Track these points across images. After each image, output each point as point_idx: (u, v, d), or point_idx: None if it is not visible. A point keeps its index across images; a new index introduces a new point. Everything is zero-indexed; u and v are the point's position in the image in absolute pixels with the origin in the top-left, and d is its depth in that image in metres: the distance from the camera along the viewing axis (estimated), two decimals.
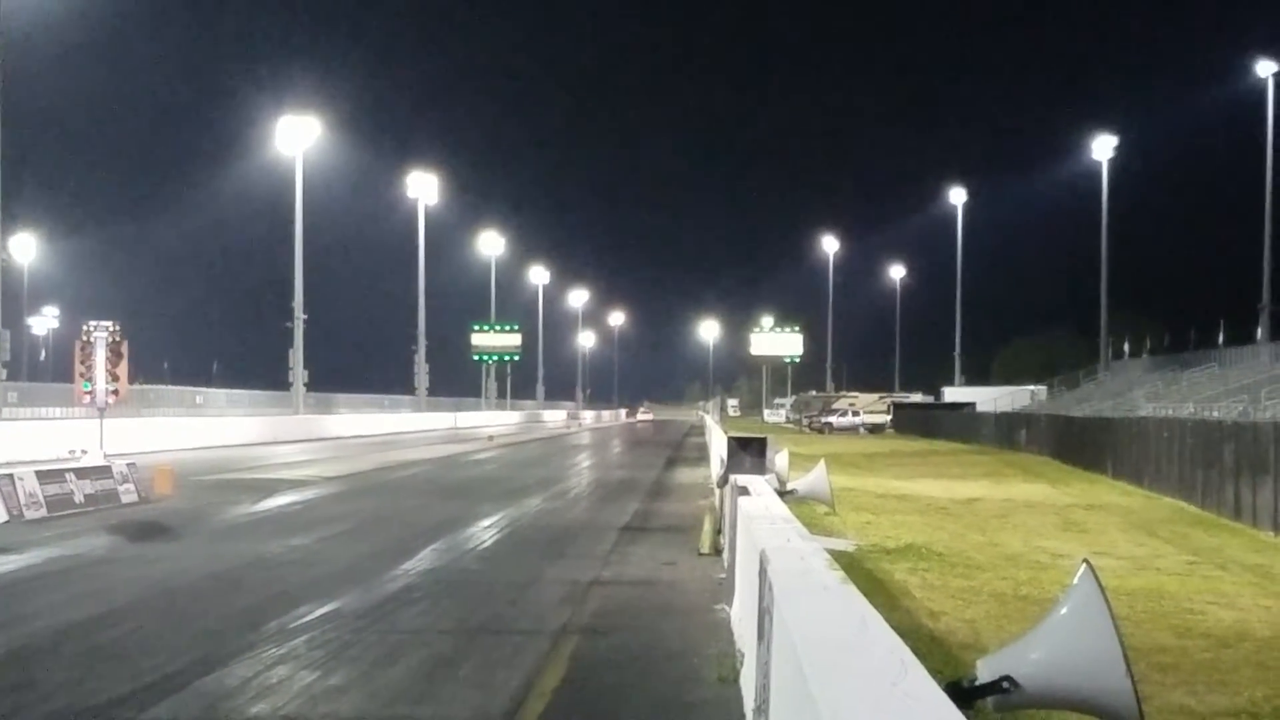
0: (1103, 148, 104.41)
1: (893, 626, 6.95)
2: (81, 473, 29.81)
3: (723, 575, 19.17)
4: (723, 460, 28.11)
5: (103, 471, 30.69)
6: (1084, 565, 7.45)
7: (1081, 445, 54.58)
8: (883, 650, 6.20)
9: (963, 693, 7.26)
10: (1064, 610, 7.39)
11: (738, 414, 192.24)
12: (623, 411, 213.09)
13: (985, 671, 7.44)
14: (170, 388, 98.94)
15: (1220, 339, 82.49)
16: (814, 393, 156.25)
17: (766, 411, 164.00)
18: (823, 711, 5.08)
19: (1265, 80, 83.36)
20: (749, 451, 26.08)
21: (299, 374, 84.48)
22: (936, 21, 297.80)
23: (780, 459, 29.25)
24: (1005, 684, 7.31)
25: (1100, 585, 7.24)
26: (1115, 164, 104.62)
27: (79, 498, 28.93)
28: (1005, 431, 76.11)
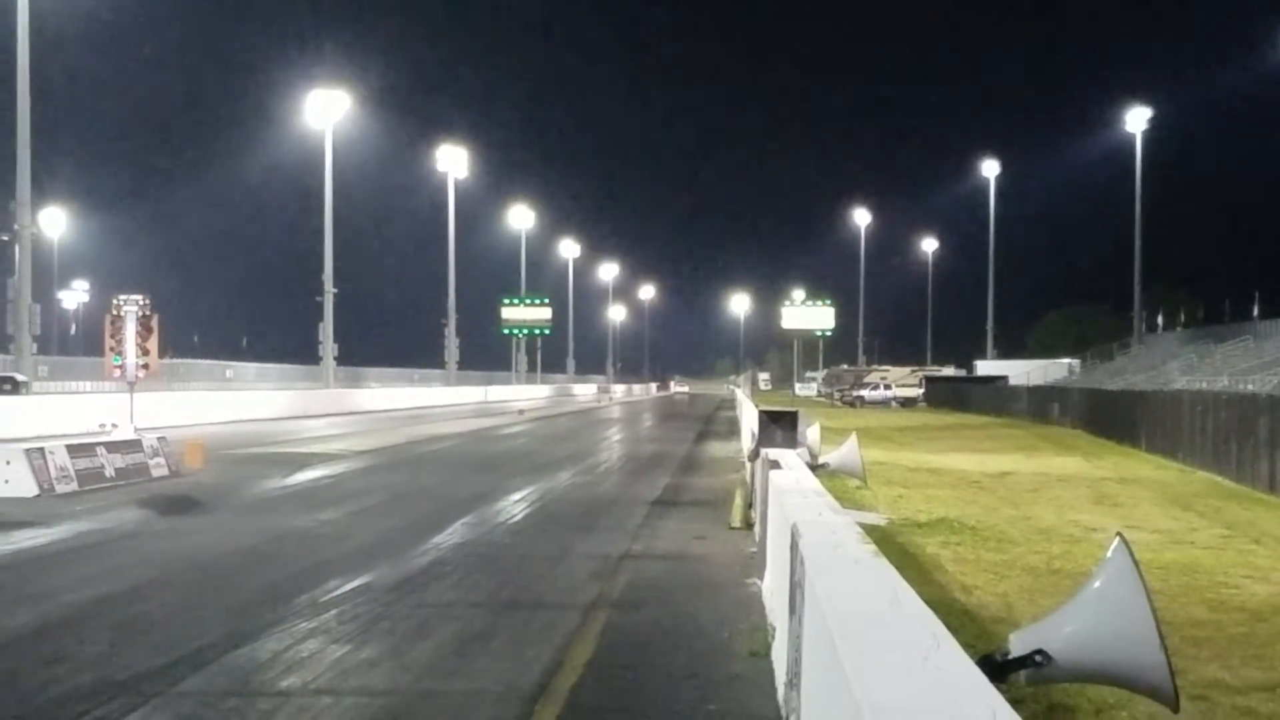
0: (1137, 120, 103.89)
1: (925, 600, 6.88)
2: (112, 446, 29.89)
3: (754, 549, 19.13)
4: (754, 434, 28.07)
5: (133, 445, 30.77)
6: (1117, 539, 7.37)
7: (1115, 418, 54.39)
8: (915, 624, 6.14)
9: (996, 666, 7.19)
10: (1097, 584, 7.32)
11: (769, 388, 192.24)
12: (653, 385, 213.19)
13: (1018, 645, 7.37)
14: (200, 361, 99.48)
15: (1255, 312, 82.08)
16: (845, 366, 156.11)
17: (798, 385, 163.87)
18: (854, 685, 5.02)
19: None
20: (780, 425, 26.05)
21: (329, 348, 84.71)
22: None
23: (812, 433, 29.20)
24: (1038, 658, 7.24)
25: (1134, 558, 7.16)
26: (1150, 136, 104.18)
27: (109, 471, 29.01)
28: (1038, 405, 75.91)
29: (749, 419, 36.49)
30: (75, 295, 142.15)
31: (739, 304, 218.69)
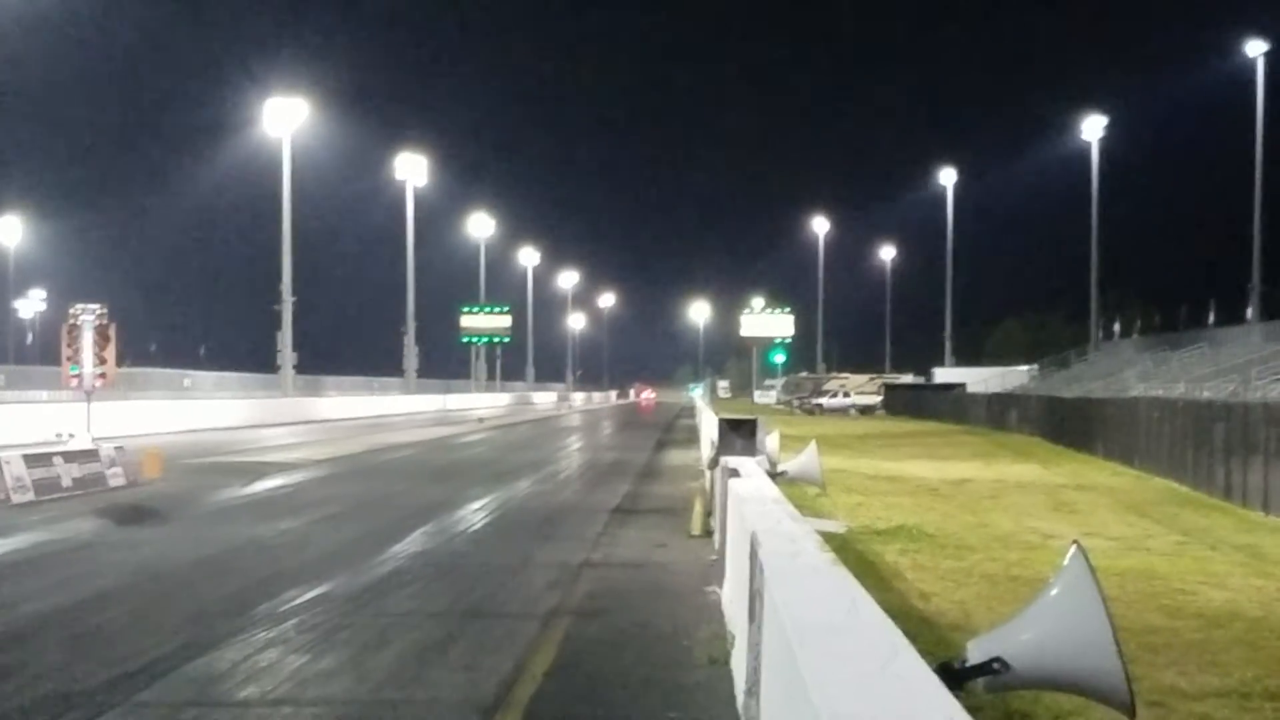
0: (1093, 128, 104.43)
1: (884, 608, 6.91)
2: (69, 456, 29.75)
3: (713, 557, 19.15)
4: (713, 442, 28.10)
5: (90, 455, 30.62)
6: (1074, 546, 7.42)
7: (1072, 426, 54.65)
8: (873, 632, 6.17)
9: (953, 674, 7.22)
10: (1054, 591, 7.36)
11: (728, 395, 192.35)
12: (613, 393, 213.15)
13: (976, 653, 7.40)
14: (158, 370, 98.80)
15: (1211, 319, 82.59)
16: (805, 374, 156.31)
17: (757, 393, 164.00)
18: (813, 693, 5.04)
19: (1254, 60, 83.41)
20: (740, 433, 26.07)
21: (287, 356, 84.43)
22: (929, 4, 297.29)
23: (771, 440, 29.23)
24: (996, 665, 7.27)
25: (1090, 566, 7.21)
26: (1105, 144, 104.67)
27: (66, 481, 28.86)
28: (996, 412, 76.21)
29: (708, 427, 36.52)
30: (31, 304, 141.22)
31: (698, 312, 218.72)
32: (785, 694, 6.25)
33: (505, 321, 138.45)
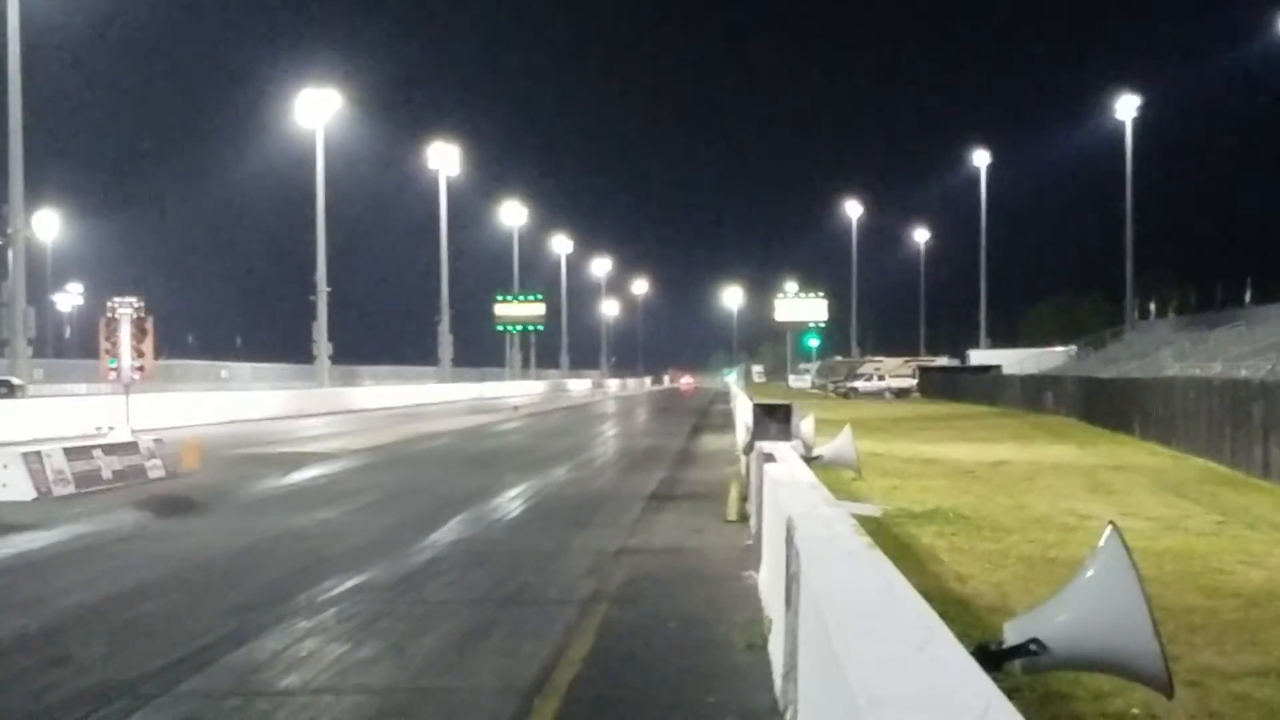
0: (1127, 107, 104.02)
1: (920, 590, 6.94)
2: (109, 449, 29.93)
3: (749, 542, 19.19)
4: (748, 427, 28.13)
5: (129, 447, 30.80)
6: (1110, 527, 7.44)
7: (1108, 406, 54.46)
8: (909, 615, 6.20)
9: (991, 655, 7.26)
10: (1090, 573, 7.38)
11: (763, 380, 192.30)
12: (648, 379, 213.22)
13: (1013, 634, 7.44)
14: (195, 362, 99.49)
15: (1247, 297, 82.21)
16: (839, 358, 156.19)
17: (792, 377, 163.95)
18: (850, 676, 5.08)
19: None
20: (774, 418, 26.13)
21: (323, 347, 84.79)
22: None
23: (806, 425, 29.25)
24: (1033, 646, 7.30)
25: (1126, 547, 7.22)
26: (1140, 123, 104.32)
27: (106, 474, 29.04)
28: (1032, 394, 75.99)
29: (743, 412, 36.55)
30: (70, 298, 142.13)
31: (732, 297, 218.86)
32: (822, 677, 6.29)
33: (539, 309, 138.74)
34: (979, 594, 15.69)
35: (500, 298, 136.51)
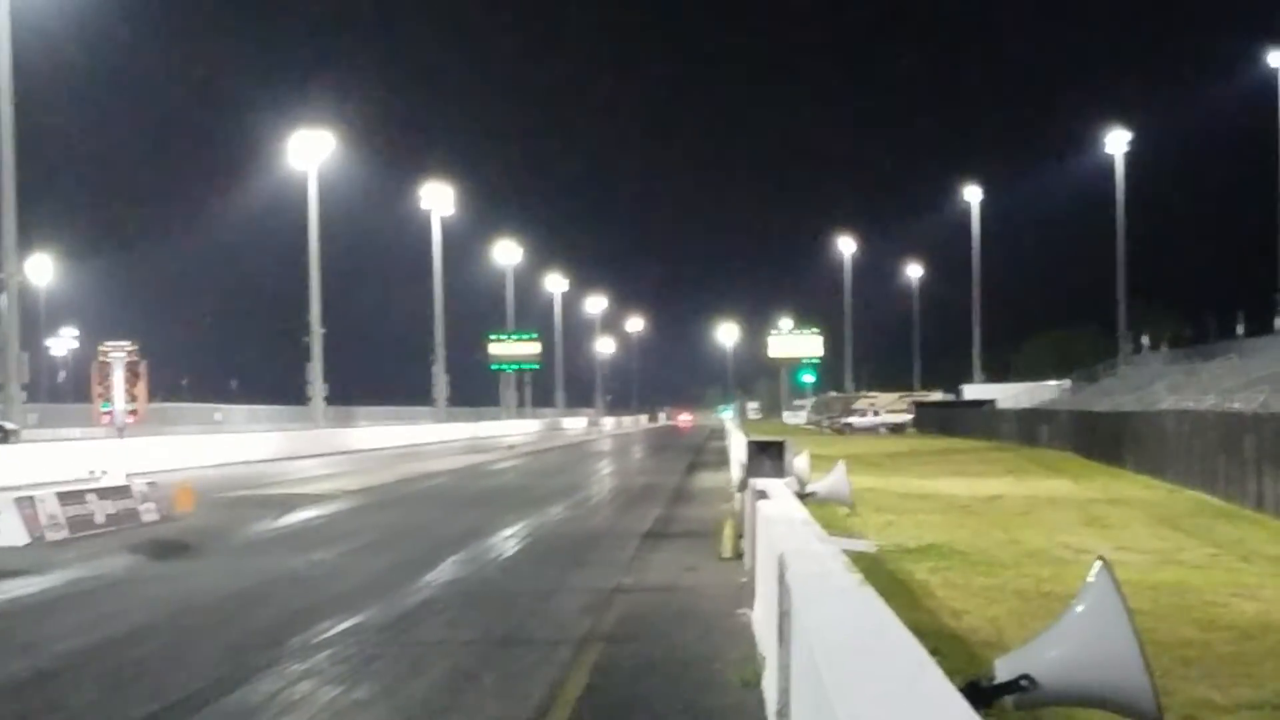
0: (1116, 142, 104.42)
1: (915, 626, 6.96)
2: (102, 493, 29.88)
3: (744, 579, 19.18)
4: (742, 464, 28.12)
5: (123, 491, 30.75)
6: (1099, 563, 7.46)
7: (1103, 440, 54.51)
8: (900, 652, 6.22)
9: (982, 692, 7.27)
10: (1080, 608, 7.40)
11: (758, 416, 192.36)
12: (643, 417, 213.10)
13: (1004, 670, 7.45)
14: (189, 405, 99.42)
15: (1239, 330, 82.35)
16: (834, 393, 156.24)
17: (786, 413, 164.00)
18: (840, 713, 5.10)
19: (1276, 70, 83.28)
20: (768, 455, 26.11)
21: (318, 388, 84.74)
22: (951, 22, 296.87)
23: (800, 461, 29.24)
24: (1024, 682, 7.32)
25: (1115, 581, 7.25)
26: (1130, 157, 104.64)
27: (100, 518, 29.00)
28: (1026, 428, 76.03)
29: (737, 449, 36.55)
30: (64, 342, 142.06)
31: (727, 334, 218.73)
32: (814, 715, 6.30)
33: (534, 348, 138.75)
34: (974, 629, 15.70)
35: (495, 337, 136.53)
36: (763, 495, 17.82)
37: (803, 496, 23.04)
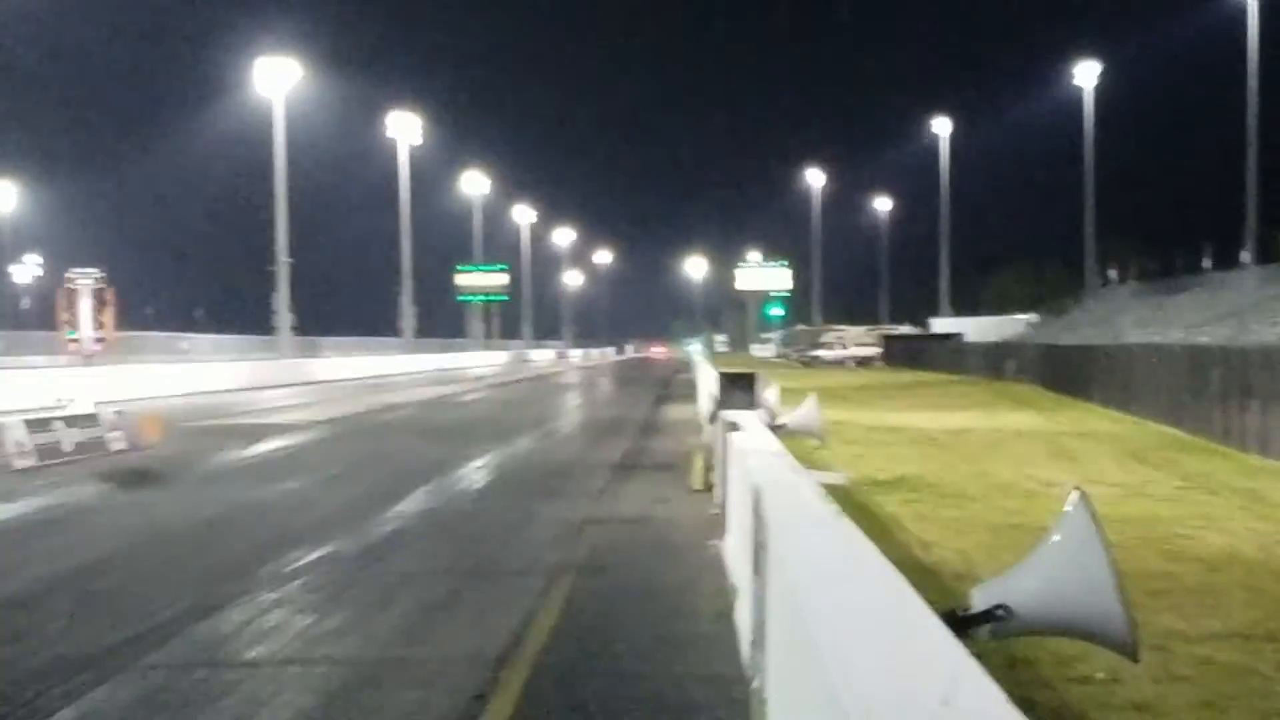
0: (1086, 74, 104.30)
1: (887, 558, 6.95)
2: (70, 421, 29.77)
3: (715, 510, 19.20)
4: (713, 396, 28.13)
5: (90, 419, 30.64)
6: (1076, 493, 7.45)
7: (1070, 374, 54.72)
8: (879, 581, 6.21)
9: (957, 621, 7.26)
10: (1056, 538, 7.40)
11: (726, 350, 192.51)
12: (611, 350, 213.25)
13: (979, 600, 7.45)
14: (155, 334, 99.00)
15: (1207, 264, 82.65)
16: (802, 326, 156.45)
17: (754, 346, 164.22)
18: (820, 643, 5.08)
19: (1245, 1, 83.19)
20: (739, 387, 26.11)
21: (284, 318, 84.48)
22: None
23: (770, 394, 29.26)
24: (1000, 612, 7.32)
25: (1092, 512, 7.25)
26: (1100, 90, 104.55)
27: (68, 446, 28.91)
28: (994, 362, 76.29)
29: (707, 381, 36.56)
30: (27, 269, 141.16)
31: (695, 267, 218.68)
32: (791, 644, 6.30)
33: (502, 280, 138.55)
34: (944, 561, 15.76)
35: (462, 268, 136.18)
36: (735, 427, 17.81)
37: (773, 429, 23.07)
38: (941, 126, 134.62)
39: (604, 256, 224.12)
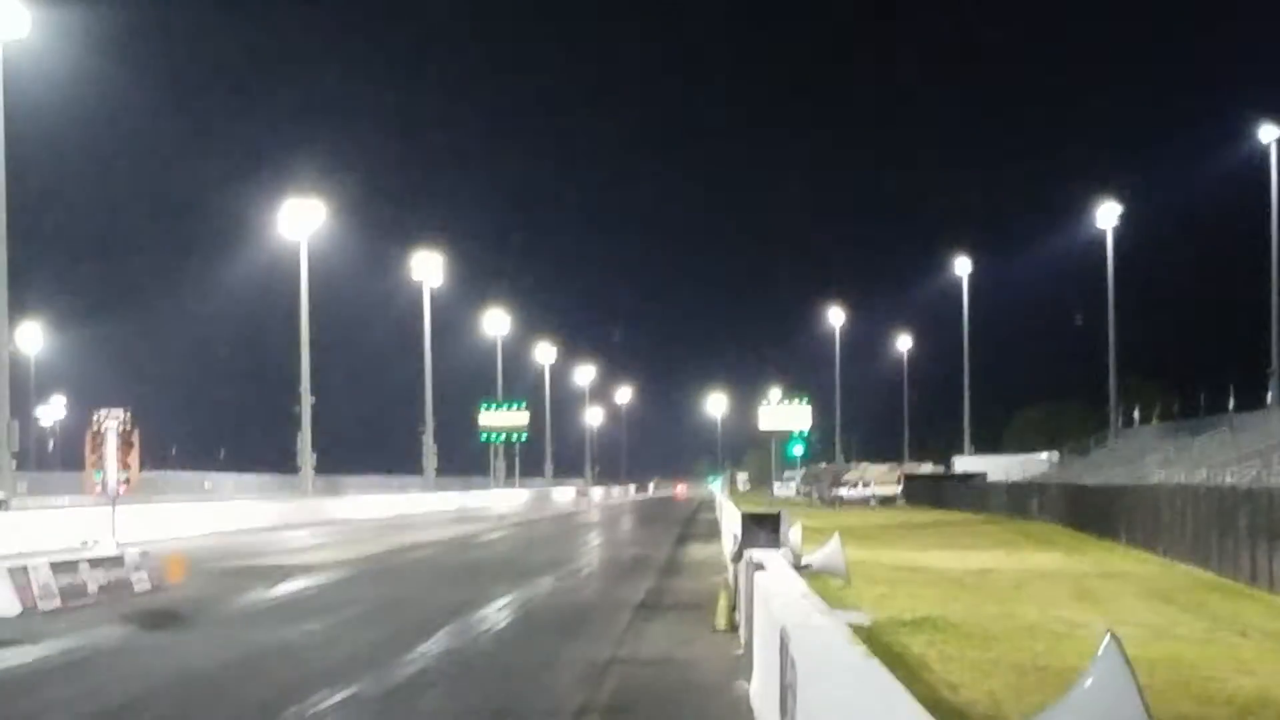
0: (1107, 215, 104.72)
1: (917, 701, 6.94)
2: (94, 562, 29.76)
3: (739, 651, 19.13)
4: (735, 536, 28.12)
5: (115, 561, 30.63)
6: (1108, 636, 7.46)
7: (1094, 513, 54.47)
8: None
9: None
10: (1089, 681, 7.39)
11: (747, 488, 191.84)
12: (632, 487, 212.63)
13: None
14: (178, 473, 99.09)
15: (1231, 404, 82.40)
16: (824, 464, 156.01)
17: (776, 485, 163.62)
18: None
19: (1268, 146, 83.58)
20: (763, 527, 26.14)
21: (307, 457, 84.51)
22: (939, 95, 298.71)
23: (794, 533, 29.29)
24: None
25: (1125, 655, 7.25)
26: (1120, 231, 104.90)
27: (92, 588, 28.87)
28: (1017, 501, 75.97)
29: (730, 520, 36.54)
30: (52, 411, 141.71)
31: (716, 404, 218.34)
32: None
33: (523, 418, 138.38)
34: (972, 703, 15.66)
35: (485, 406, 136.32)
36: (760, 567, 17.80)
37: (798, 568, 23.03)
38: (963, 266, 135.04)
39: (625, 394, 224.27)
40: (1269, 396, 79.69)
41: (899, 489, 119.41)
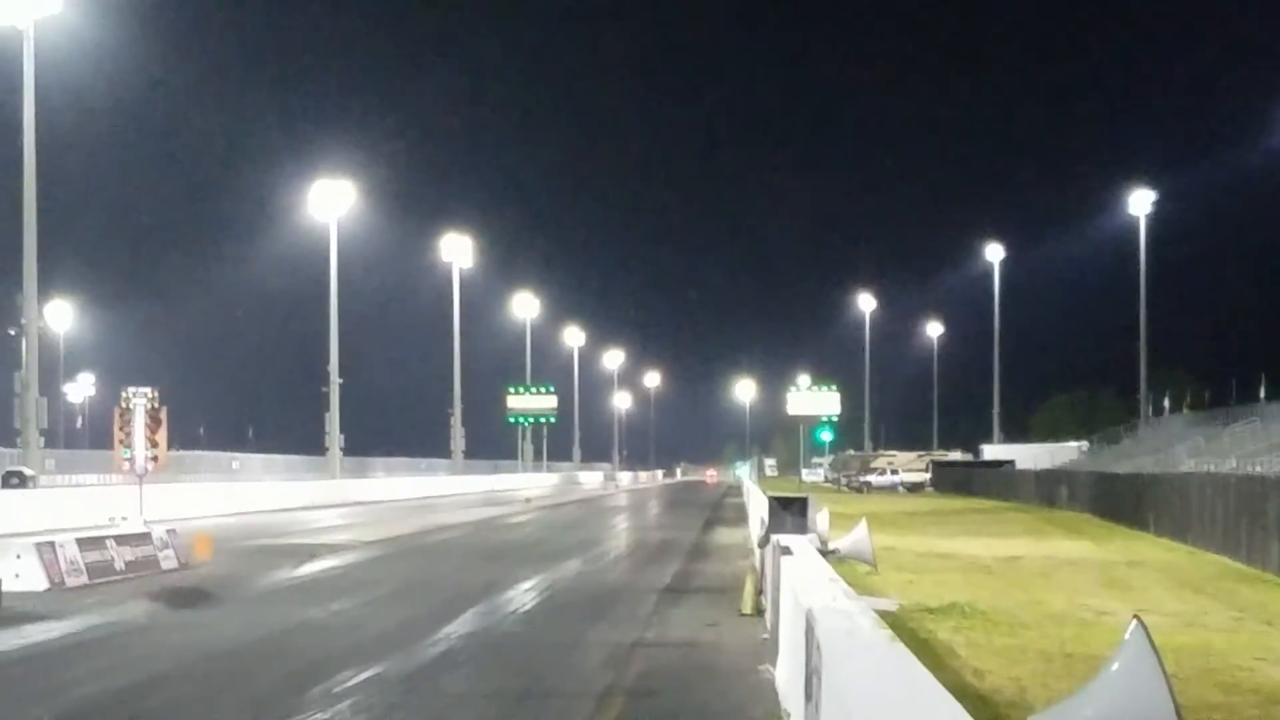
0: (1140, 203, 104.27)
1: (943, 686, 6.89)
2: (121, 539, 29.87)
3: (765, 635, 19.10)
4: (763, 521, 28.07)
5: (142, 538, 30.74)
6: (1135, 622, 7.41)
7: (1123, 502, 54.26)
8: (936, 708, 6.17)
9: None
10: (1115, 667, 7.34)
11: (775, 474, 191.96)
12: (659, 472, 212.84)
13: None
14: (206, 453, 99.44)
15: (1261, 393, 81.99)
16: (852, 451, 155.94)
17: (804, 471, 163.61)
18: None
19: None
20: (790, 512, 26.07)
21: (335, 438, 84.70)
22: (973, 82, 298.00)
23: (821, 519, 29.23)
24: None
25: (1152, 642, 7.20)
26: (1153, 219, 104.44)
27: (119, 564, 28.99)
28: (1045, 489, 75.77)
29: (757, 506, 36.49)
30: (81, 388, 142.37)
31: (744, 390, 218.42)
32: None
33: (551, 402, 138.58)
34: (998, 689, 15.60)
35: (513, 389, 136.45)
36: (786, 552, 17.76)
37: (824, 554, 22.98)
38: (994, 253, 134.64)
39: (653, 379, 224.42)
40: None
41: (927, 476, 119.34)
